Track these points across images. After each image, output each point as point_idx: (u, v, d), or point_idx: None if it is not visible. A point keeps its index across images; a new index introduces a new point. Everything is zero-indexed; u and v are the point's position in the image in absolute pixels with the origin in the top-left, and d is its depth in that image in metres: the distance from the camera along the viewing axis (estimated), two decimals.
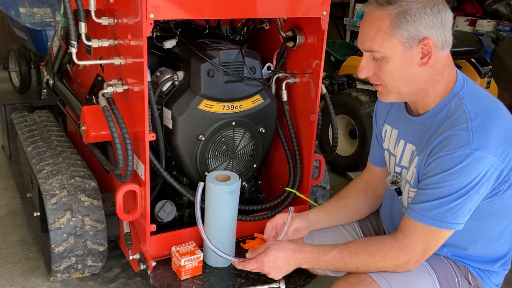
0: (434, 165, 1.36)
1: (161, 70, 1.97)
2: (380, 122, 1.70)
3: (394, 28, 1.33)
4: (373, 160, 1.79)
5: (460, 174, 1.31)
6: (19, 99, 4.51)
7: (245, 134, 2.05)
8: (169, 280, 1.84)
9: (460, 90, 1.41)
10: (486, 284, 1.54)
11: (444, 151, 1.33)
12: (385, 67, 1.39)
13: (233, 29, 2.33)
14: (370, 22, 1.38)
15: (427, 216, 1.36)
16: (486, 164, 1.30)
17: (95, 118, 1.94)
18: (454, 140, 1.32)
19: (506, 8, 2.90)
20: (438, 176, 1.34)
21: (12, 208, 2.79)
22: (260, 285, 1.85)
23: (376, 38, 1.36)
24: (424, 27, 1.32)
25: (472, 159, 1.29)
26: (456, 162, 1.31)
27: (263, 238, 2.07)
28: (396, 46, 1.35)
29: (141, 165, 1.83)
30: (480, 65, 3.37)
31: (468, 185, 1.31)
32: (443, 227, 1.36)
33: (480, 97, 1.42)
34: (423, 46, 1.34)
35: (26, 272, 2.25)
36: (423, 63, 1.37)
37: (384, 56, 1.37)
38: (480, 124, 1.32)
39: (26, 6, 4.38)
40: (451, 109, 1.39)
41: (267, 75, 2.14)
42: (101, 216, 2.05)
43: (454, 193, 1.32)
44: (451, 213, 1.34)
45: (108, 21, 1.83)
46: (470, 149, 1.29)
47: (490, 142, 1.31)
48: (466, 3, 5.55)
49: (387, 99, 1.48)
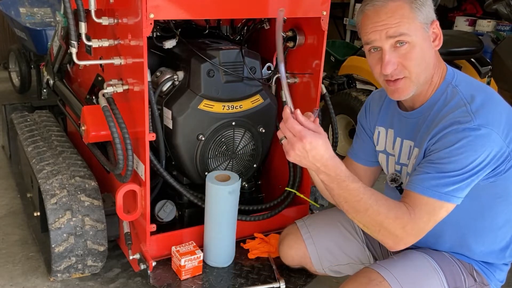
0: (440, 143, 1.37)
1: (161, 70, 1.97)
2: (371, 125, 1.70)
3: (415, 11, 1.38)
4: (357, 157, 1.76)
5: (467, 149, 1.32)
6: (19, 99, 4.51)
7: (245, 134, 2.05)
8: (169, 280, 1.84)
9: (452, 79, 1.46)
10: (491, 280, 1.55)
11: (449, 129, 1.35)
12: (410, 54, 1.40)
13: (233, 29, 2.33)
14: (390, 12, 1.38)
15: (428, 187, 1.35)
16: (491, 142, 1.32)
17: (95, 118, 1.94)
18: (457, 119, 1.35)
19: (506, 8, 2.90)
20: (444, 151, 1.35)
21: (12, 208, 2.79)
22: (260, 285, 1.85)
23: (402, 24, 1.38)
24: (431, 10, 1.41)
25: (478, 134, 1.31)
26: (462, 136, 1.32)
27: (263, 238, 2.08)
28: (419, 29, 1.39)
29: (141, 165, 1.83)
30: (480, 65, 3.37)
31: (473, 162, 1.32)
32: (444, 199, 1.35)
33: (472, 83, 1.46)
34: (434, 28, 1.41)
35: (26, 272, 2.25)
36: (436, 45, 1.43)
37: (411, 41, 1.39)
38: (479, 106, 1.36)
39: (26, 6, 4.38)
40: (448, 97, 1.42)
41: (267, 75, 2.14)
42: (101, 216, 2.05)
43: (461, 169, 1.33)
44: (453, 187, 1.34)
45: (108, 21, 1.83)
46: (474, 125, 1.32)
47: (492, 120, 1.34)
48: (466, 3, 5.55)
49: (408, 93, 1.46)
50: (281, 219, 2.12)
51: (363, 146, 1.74)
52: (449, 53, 3.17)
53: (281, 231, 1.98)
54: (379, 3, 1.40)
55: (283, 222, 2.08)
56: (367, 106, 1.73)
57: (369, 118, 1.71)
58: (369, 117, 1.71)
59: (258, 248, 2.03)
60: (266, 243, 2.06)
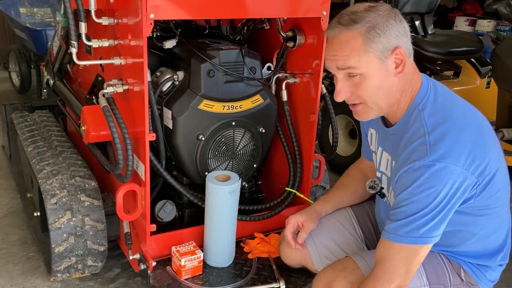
0: (400, 182, 1.37)
1: (161, 70, 1.97)
2: (365, 126, 1.72)
3: (368, 43, 1.34)
4: (365, 154, 1.82)
5: (426, 187, 1.31)
6: (19, 99, 4.51)
7: (245, 134, 2.05)
8: (169, 280, 1.84)
9: (421, 101, 1.42)
10: (481, 280, 1.54)
11: (406, 166, 1.35)
12: (364, 85, 1.39)
13: (233, 29, 2.33)
14: (341, 44, 1.37)
15: (402, 235, 1.35)
16: (449, 174, 1.30)
17: (95, 118, 1.94)
18: (414, 154, 1.34)
19: (506, 8, 2.90)
20: (405, 192, 1.34)
21: (12, 208, 2.79)
22: (260, 285, 1.85)
23: (352, 56, 1.36)
24: (394, 37, 1.36)
25: (434, 170, 1.29)
26: (418, 175, 1.31)
27: (263, 238, 2.08)
28: (372, 60, 1.36)
29: (141, 165, 1.83)
30: (480, 65, 3.37)
31: (436, 198, 1.31)
32: (420, 243, 1.35)
33: (440, 107, 1.41)
34: (396, 55, 1.37)
35: (26, 272, 2.25)
36: (398, 72, 1.39)
37: (361, 73, 1.38)
38: (438, 137, 1.33)
39: (26, 6, 4.38)
40: (411, 122, 1.41)
41: (267, 75, 2.14)
42: (101, 216, 2.05)
43: (425, 208, 1.32)
44: (425, 228, 1.33)
45: (108, 21, 1.83)
46: (429, 161, 1.30)
47: (450, 152, 1.30)
48: (466, 3, 5.56)
49: (367, 117, 1.48)
50: (281, 219, 2.11)
51: (365, 142, 1.77)
52: (449, 53, 3.18)
53: (281, 231, 1.98)
54: (333, 32, 1.39)
55: (283, 222, 2.06)
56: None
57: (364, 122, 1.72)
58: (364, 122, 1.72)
59: (258, 248, 2.03)
60: (266, 243, 2.06)
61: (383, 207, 1.65)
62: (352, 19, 1.36)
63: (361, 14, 1.36)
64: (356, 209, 1.85)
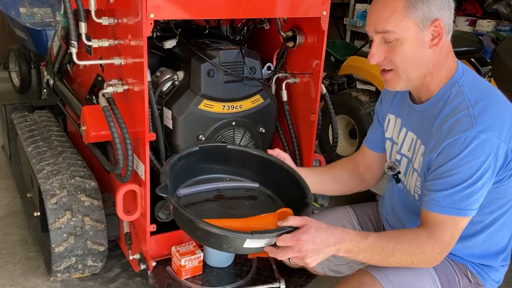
0: (443, 154, 1.37)
1: (161, 70, 1.97)
2: (383, 112, 1.71)
3: (409, 8, 1.34)
4: (370, 143, 1.78)
5: (470, 158, 1.32)
6: (19, 99, 4.51)
7: (245, 134, 2.05)
8: (169, 280, 1.84)
9: (460, 78, 1.43)
10: (486, 281, 1.54)
11: (450, 138, 1.35)
12: (398, 50, 1.39)
13: (233, 29, 2.33)
14: (383, 4, 1.38)
15: (445, 205, 1.36)
16: (492, 146, 1.32)
17: (95, 118, 1.94)
18: (458, 126, 1.34)
19: (506, 8, 2.90)
20: (449, 163, 1.35)
21: (12, 208, 2.79)
22: (260, 285, 1.85)
23: (391, 19, 1.36)
24: (437, 8, 1.35)
25: (479, 141, 1.31)
26: (464, 146, 1.32)
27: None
28: (410, 26, 1.36)
29: (141, 165, 1.83)
30: (480, 65, 3.37)
31: (480, 169, 1.32)
32: (462, 215, 1.36)
33: (479, 85, 1.44)
34: (435, 27, 1.37)
35: (26, 272, 2.25)
36: (434, 44, 1.39)
37: (398, 38, 1.37)
38: (481, 110, 1.34)
39: (26, 6, 4.38)
40: (451, 96, 1.41)
41: (267, 75, 2.14)
42: (101, 216, 2.05)
43: (468, 179, 1.33)
44: (467, 199, 1.34)
45: (108, 21, 1.83)
46: (475, 132, 1.31)
47: (493, 125, 1.33)
48: (466, 3, 5.55)
49: (396, 86, 1.47)
50: None
51: (376, 133, 1.76)
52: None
53: None
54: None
55: None
56: (383, 93, 1.74)
57: (383, 105, 1.72)
58: (383, 104, 1.72)
59: None
60: None
61: (398, 193, 1.65)
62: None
63: None
64: (356, 209, 1.85)
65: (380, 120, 1.73)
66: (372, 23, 1.41)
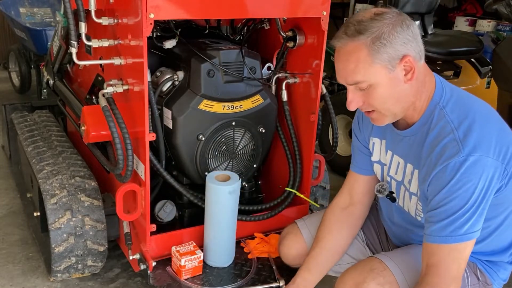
0: (435, 182, 1.36)
1: (161, 70, 1.97)
2: (365, 136, 1.68)
3: (373, 54, 1.32)
4: (358, 168, 1.73)
5: (463, 183, 1.31)
6: (19, 99, 4.51)
7: (245, 134, 2.05)
8: (169, 280, 1.84)
9: (440, 99, 1.42)
10: (494, 280, 1.55)
11: (439, 165, 1.34)
12: (374, 94, 1.38)
13: (233, 29, 2.33)
14: (346, 56, 1.36)
15: (447, 235, 1.35)
16: (483, 166, 1.31)
17: (95, 118, 1.94)
18: (446, 152, 1.33)
19: (506, 8, 2.90)
20: (443, 191, 1.34)
21: (12, 208, 2.79)
22: (260, 285, 1.85)
23: (357, 69, 1.35)
24: (401, 45, 1.33)
25: (469, 164, 1.30)
26: (454, 172, 1.31)
27: (263, 238, 2.08)
28: (379, 71, 1.34)
29: (141, 165, 1.83)
30: (480, 65, 3.37)
31: (475, 191, 1.31)
32: (465, 240, 1.35)
33: (460, 101, 1.42)
34: (405, 63, 1.35)
35: (26, 272, 2.25)
36: (408, 79, 1.37)
37: (371, 83, 1.36)
38: (466, 131, 1.33)
39: (26, 6, 4.38)
40: (434, 120, 1.40)
41: (267, 75, 2.14)
42: (101, 216, 2.05)
43: (466, 204, 1.32)
44: (468, 224, 1.34)
45: (108, 21, 1.83)
46: (463, 156, 1.31)
47: (480, 144, 1.32)
48: (466, 3, 5.56)
49: (383, 123, 1.47)
50: (281, 219, 2.12)
51: (362, 156, 1.72)
52: (449, 53, 3.18)
53: (281, 231, 1.98)
54: (340, 43, 1.37)
55: (283, 222, 2.08)
56: (359, 118, 1.70)
57: (363, 130, 1.69)
58: (363, 129, 1.69)
59: (258, 248, 2.03)
60: (266, 243, 2.06)
61: (396, 211, 1.65)
62: (357, 30, 1.34)
63: (367, 23, 1.33)
64: None
65: (363, 143, 1.70)
66: (342, 75, 1.40)
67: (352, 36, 1.34)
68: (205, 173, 1.98)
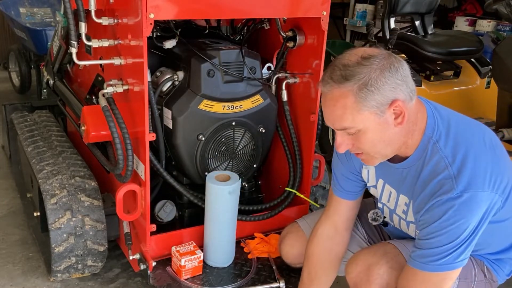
0: (427, 215, 1.36)
1: (161, 70, 1.97)
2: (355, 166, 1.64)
3: (361, 101, 1.27)
4: (345, 192, 1.67)
5: (456, 219, 1.30)
6: (19, 99, 4.51)
7: (245, 134, 2.05)
8: (169, 280, 1.84)
9: (433, 133, 1.38)
10: (499, 276, 1.57)
11: (433, 200, 1.33)
12: (363, 139, 1.34)
13: (233, 29, 2.33)
14: (333, 101, 1.31)
15: (437, 263, 1.35)
16: (478, 202, 1.30)
17: (95, 118, 1.94)
18: (441, 189, 1.32)
19: (506, 8, 2.89)
20: (434, 225, 1.33)
21: (12, 208, 2.79)
22: (260, 285, 1.85)
23: (345, 116, 1.30)
24: (390, 90, 1.27)
25: (463, 201, 1.29)
26: (447, 208, 1.30)
27: (263, 238, 2.08)
28: (368, 117, 1.30)
29: (141, 165, 1.83)
30: (480, 65, 3.37)
31: (467, 229, 1.31)
32: (455, 268, 1.36)
33: (453, 134, 1.38)
34: (395, 107, 1.30)
35: (26, 272, 2.25)
36: (399, 122, 1.32)
37: (359, 129, 1.32)
38: (460, 166, 1.32)
39: (26, 6, 4.38)
40: (428, 155, 1.38)
41: (267, 75, 2.14)
42: (101, 216, 2.05)
43: (455, 240, 1.32)
44: (458, 254, 1.34)
45: (108, 21, 1.83)
46: (457, 193, 1.29)
47: (474, 179, 1.30)
48: (466, 3, 5.55)
49: (374, 163, 1.45)
50: (281, 219, 2.12)
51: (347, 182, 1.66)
52: (449, 53, 3.17)
53: (281, 231, 1.98)
54: (325, 88, 1.32)
55: (283, 222, 2.08)
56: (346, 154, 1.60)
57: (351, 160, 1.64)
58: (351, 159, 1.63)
59: (258, 248, 2.04)
60: (266, 243, 2.06)
61: (393, 229, 1.67)
62: (343, 76, 1.28)
63: (353, 69, 1.27)
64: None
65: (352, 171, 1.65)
66: (329, 120, 1.36)
67: (338, 82, 1.29)
68: (205, 173, 1.98)
